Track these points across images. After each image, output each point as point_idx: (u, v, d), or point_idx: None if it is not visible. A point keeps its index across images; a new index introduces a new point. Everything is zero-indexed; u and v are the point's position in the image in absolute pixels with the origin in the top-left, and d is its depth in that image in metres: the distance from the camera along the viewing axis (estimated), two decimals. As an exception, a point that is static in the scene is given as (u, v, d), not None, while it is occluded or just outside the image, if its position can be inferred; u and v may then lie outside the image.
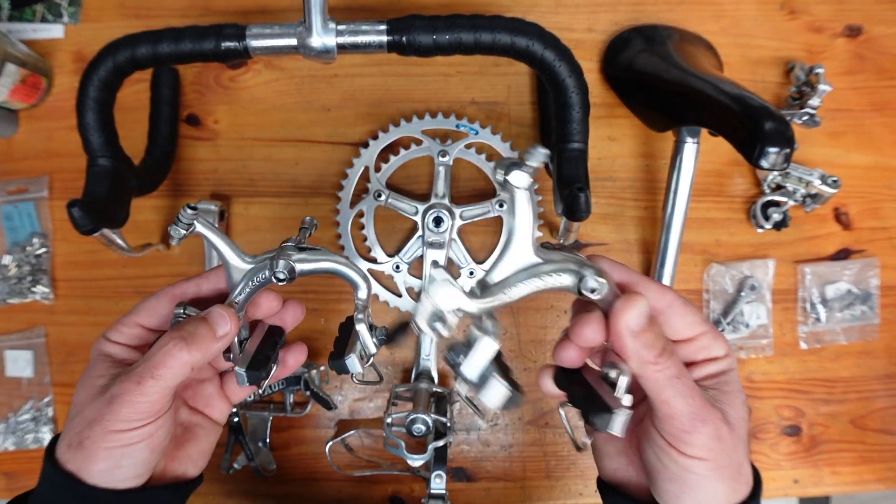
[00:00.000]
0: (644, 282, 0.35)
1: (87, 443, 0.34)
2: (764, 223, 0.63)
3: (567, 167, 0.51)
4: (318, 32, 0.48)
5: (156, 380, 0.34)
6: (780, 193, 0.63)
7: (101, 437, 0.34)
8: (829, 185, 0.61)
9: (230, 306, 0.38)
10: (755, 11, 0.67)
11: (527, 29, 0.48)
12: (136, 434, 0.34)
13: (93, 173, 0.52)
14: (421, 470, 0.61)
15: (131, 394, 0.34)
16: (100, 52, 0.50)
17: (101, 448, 0.34)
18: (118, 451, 0.34)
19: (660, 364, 0.32)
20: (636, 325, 0.32)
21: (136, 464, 0.35)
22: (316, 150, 0.66)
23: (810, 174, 0.62)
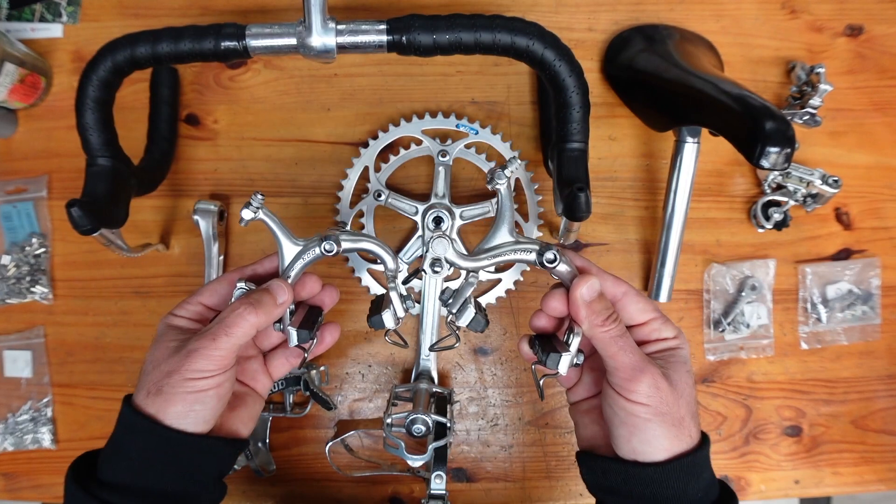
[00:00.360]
0: (602, 273, 0.43)
1: (165, 388, 0.40)
2: (764, 223, 0.63)
3: (567, 167, 0.51)
4: (318, 32, 0.48)
5: (228, 336, 0.41)
6: (780, 193, 0.63)
7: (179, 383, 0.40)
8: (830, 185, 0.61)
9: (286, 280, 0.45)
10: (756, 11, 0.67)
11: (527, 28, 0.48)
12: (208, 382, 0.40)
13: (92, 173, 0.52)
14: (421, 470, 0.61)
15: (208, 348, 0.40)
16: (99, 52, 0.50)
17: (178, 393, 0.40)
18: (192, 396, 0.40)
19: (606, 326, 0.40)
20: (588, 295, 0.40)
21: (205, 409, 0.41)
22: (316, 150, 0.66)
23: (811, 174, 0.62)
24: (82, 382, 0.65)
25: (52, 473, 0.65)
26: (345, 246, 0.45)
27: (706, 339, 0.64)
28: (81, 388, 0.65)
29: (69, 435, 0.65)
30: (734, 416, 0.64)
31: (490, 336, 0.65)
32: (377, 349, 0.65)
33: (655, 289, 0.62)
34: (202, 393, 0.40)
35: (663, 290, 0.61)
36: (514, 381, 0.65)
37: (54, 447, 0.65)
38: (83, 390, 0.65)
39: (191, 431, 0.40)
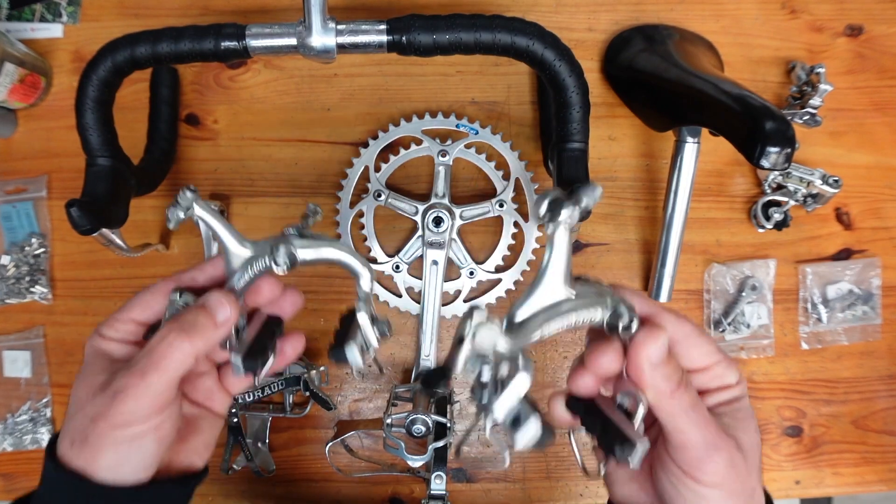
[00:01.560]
0: (662, 313, 0.35)
1: (91, 439, 0.34)
2: (765, 223, 0.63)
3: (567, 167, 0.51)
4: (318, 32, 0.48)
5: (160, 372, 0.34)
6: (780, 193, 0.63)
7: (107, 432, 0.33)
8: (831, 185, 0.61)
9: (229, 292, 0.37)
10: (756, 11, 0.67)
11: (527, 28, 0.48)
12: (142, 427, 0.34)
13: (92, 173, 0.52)
14: (421, 471, 0.61)
15: (136, 388, 0.33)
16: (99, 52, 0.50)
17: (107, 443, 0.33)
18: (125, 446, 0.34)
19: (676, 396, 0.33)
20: (657, 358, 0.32)
21: (143, 457, 0.35)
22: (316, 150, 0.66)
23: (811, 174, 0.62)
24: (82, 383, 0.65)
25: (52, 474, 0.65)
26: (303, 256, 0.37)
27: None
28: (81, 389, 0.65)
29: (69, 435, 0.65)
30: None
31: (490, 336, 0.65)
32: (377, 349, 0.65)
33: (655, 289, 0.62)
34: (136, 441, 0.34)
35: (663, 290, 0.61)
36: (514, 381, 0.64)
37: (54, 447, 0.64)
38: (83, 390, 0.65)
39: (129, 484, 0.34)
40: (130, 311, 0.38)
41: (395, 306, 0.64)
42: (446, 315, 0.64)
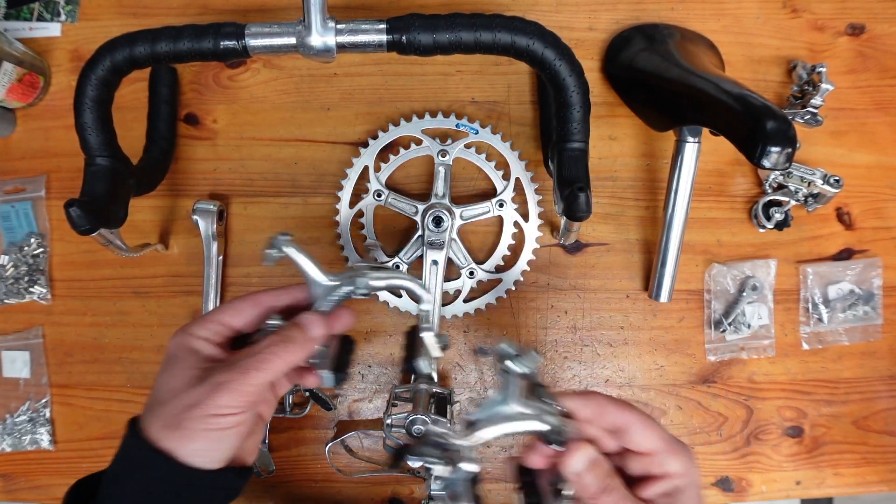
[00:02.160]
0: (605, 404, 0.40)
1: (185, 424, 0.37)
2: (765, 223, 0.63)
3: (567, 167, 0.51)
4: (318, 31, 0.48)
5: (260, 372, 0.39)
6: (781, 193, 0.63)
7: (202, 419, 0.37)
8: (831, 184, 0.61)
9: (319, 313, 0.43)
10: (757, 10, 0.67)
11: (527, 28, 0.48)
12: (232, 420, 0.38)
13: (91, 173, 0.52)
14: (421, 471, 0.61)
15: (236, 382, 0.38)
16: (97, 51, 0.50)
17: (200, 429, 0.37)
18: (215, 434, 0.38)
19: (601, 498, 0.38)
20: (578, 468, 0.38)
21: (225, 447, 0.39)
22: (315, 150, 0.66)
23: (812, 174, 0.61)
24: (81, 383, 0.65)
25: (51, 474, 0.65)
26: (375, 285, 0.44)
27: (707, 339, 0.64)
28: (80, 389, 0.65)
29: (67, 436, 0.65)
30: (735, 417, 0.64)
31: (490, 336, 0.65)
32: (377, 349, 0.65)
33: (656, 289, 0.61)
34: (225, 431, 0.38)
35: (664, 291, 0.61)
36: (514, 381, 0.64)
37: (53, 448, 0.64)
38: (82, 391, 0.65)
39: (207, 468, 0.38)
40: (223, 314, 0.43)
41: (394, 306, 0.64)
42: (446, 315, 0.64)
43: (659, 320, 0.65)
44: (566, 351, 0.65)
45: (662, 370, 0.64)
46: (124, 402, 0.65)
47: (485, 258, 0.64)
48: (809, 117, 0.63)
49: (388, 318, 0.65)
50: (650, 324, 0.65)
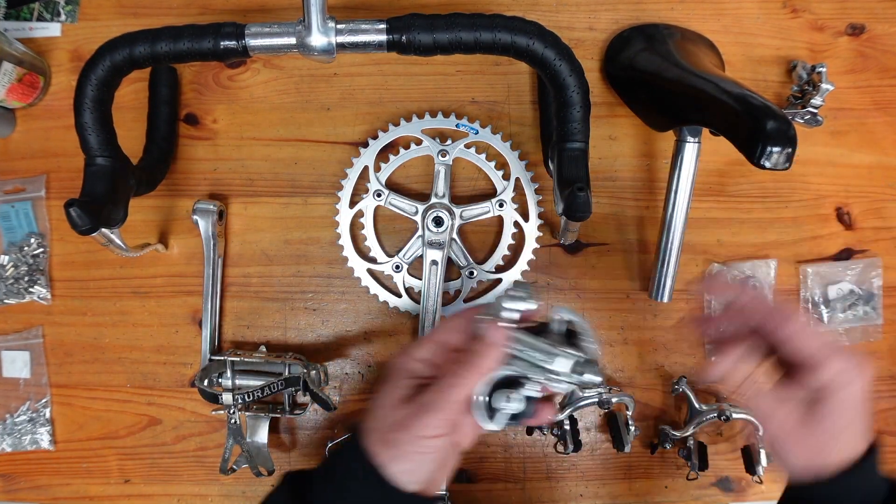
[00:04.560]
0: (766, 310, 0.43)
1: (397, 443, 0.39)
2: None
3: (567, 167, 0.51)
4: (318, 31, 0.48)
5: (455, 388, 0.39)
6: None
7: (410, 440, 0.39)
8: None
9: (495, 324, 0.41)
10: (757, 10, 0.67)
11: (527, 28, 0.48)
12: (434, 443, 0.39)
13: (91, 173, 0.52)
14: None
15: (438, 402, 0.39)
16: (97, 51, 0.50)
17: (409, 451, 0.39)
18: (421, 457, 0.39)
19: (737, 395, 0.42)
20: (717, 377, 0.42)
21: (427, 470, 0.39)
22: (315, 150, 0.66)
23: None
24: (81, 383, 0.65)
25: (51, 474, 0.65)
26: None
27: (707, 339, 0.64)
28: (80, 389, 0.65)
29: (67, 436, 0.65)
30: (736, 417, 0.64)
31: (490, 336, 0.65)
32: (377, 349, 0.65)
33: (656, 289, 0.61)
34: (428, 455, 0.39)
35: (664, 290, 0.61)
36: (514, 381, 0.64)
37: (53, 448, 0.64)
38: (81, 391, 0.65)
39: (406, 490, 0.39)
40: (440, 334, 0.43)
41: (394, 306, 0.64)
42: (446, 315, 0.64)
43: (659, 320, 0.65)
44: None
45: (662, 370, 0.64)
46: (124, 402, 0.65)
47: (485, 258, 0.64)
48: (809, 117, 0.63)
49: (388, 318, 0.65)
50: (650, 324, 0.65)
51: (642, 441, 0.64)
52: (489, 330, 0.41)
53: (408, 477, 0.39)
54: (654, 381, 0.64)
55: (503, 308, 0.41)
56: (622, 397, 0.60)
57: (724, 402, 0.62)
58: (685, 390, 0.61)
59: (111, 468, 0.64)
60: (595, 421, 0.64)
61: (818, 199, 0.65)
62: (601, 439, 0.64)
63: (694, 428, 0.61)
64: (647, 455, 0.64)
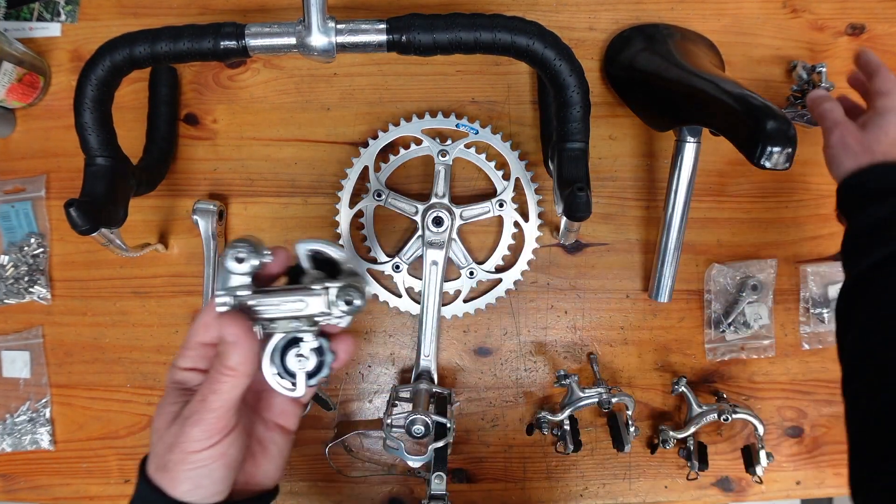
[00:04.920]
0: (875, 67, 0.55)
1: (170, 465, 0.37)
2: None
3: (567, 167, 0.51)
4: (318, 31, 0.48)
5: (216, 394, 0.36)
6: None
7: (181, 459, 0.36)
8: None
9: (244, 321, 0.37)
10: (757, 10, 0.67)
11: (527, 28, 0.48)
12: (210, 453, 0.37)
13: (91, 173, 0.52)
14: (421, 471, 0.61)
15: (199, 412, 0.36)
16: (97, 51, 0.50)
17: (183, 470, 0.37)
18: (197, 472, 0.37)
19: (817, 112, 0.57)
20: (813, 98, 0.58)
21: (214, 482, 0.37)
22: (315, 150, 0.66)
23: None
24: (81, 383, 0.65)
25: (51, 474, 0.65)
26: None
27: (707, 339, 0.64)
28: (80, 389, 0.65)
29: (67, 436, 0.65)
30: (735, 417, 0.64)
31: (490, 336, 0.65)
32: (377, 349, 0.65)
33: (656, 289, 0.61)
34: (207, 467, 0.37)
35: (663, 290, 0.61)
36: (513, 381, 0.64)
37: (53, 448, 0.64)
38: (81, 391, 0.65)
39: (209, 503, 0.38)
40: (194, 336, 0.40)
41: (394, 306, 0.64)
42: (446, 315, 0.64)
43: (659, 320, 0.65)
44: (566, 351, 0.65)
45: (662, 370, 0.64)
46: (124, 402, 0.65)
47: (485, 258, 0.64)
48: (809, 117, 0.63)
49: (388, 318, 0.65)
50: (650, 324, 0.65)
51: (642, 441, 0.64)
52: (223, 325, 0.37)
53: (195, 494, 0.37)
54: (654, 381, 0.64)
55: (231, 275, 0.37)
56: (622, 397, 0.60)
57: (723, 402, 0.62)
58: (685, 390, 0.61)
59: (111, 468, 0.64)
60: (595, 421, 0.64)
61: (818, 199, 0.66)
62: (601, 439, 0.64)
63: (694, 428, 0.61)
64: (647, 455, 0.64)
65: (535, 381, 0.65)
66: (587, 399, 0.60)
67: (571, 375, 0.61)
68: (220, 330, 0.37)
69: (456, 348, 0.65)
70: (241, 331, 0.37)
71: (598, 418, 0.64)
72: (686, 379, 0.61)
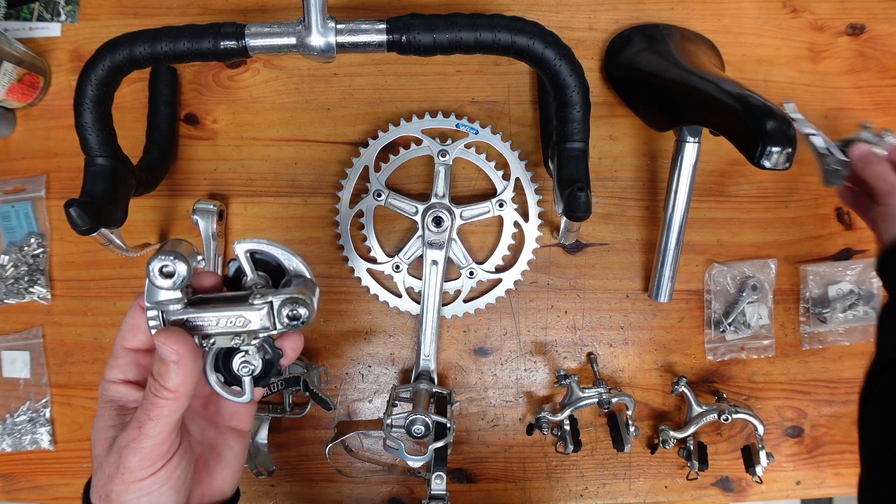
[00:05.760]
0: None
1: (112, 496, 0.34)
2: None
3: (567, 167, 0.50)
4: (318, 31, 0.48)
5: (154, 420, 0.34)
6: None
7: (123, 490, 0.34)
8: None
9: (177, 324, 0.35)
10: (757, 10, 0.67)
11: (527, 28, 0.48)
12: (154, 480, 0.34)
13: (91, 173, 0.52)
14: (421, 471, 0.61)
15: (136, 441, 0.34)
16: (97, 51, 0.50)
17: (127, 500, 0.34)
18: (143, 500, 0.34)
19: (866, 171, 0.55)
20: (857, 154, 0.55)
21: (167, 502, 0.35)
22: (315, 150, 0.66)
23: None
24: (81, 383, 0.65)
25: (51, 474, 0.65)
26: None
27: (707, 339, 0.64)
28: (80, 389, 0.65)
29: (67, 436, 0.65)
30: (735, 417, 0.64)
31: (490, 336, 0.65)
32: (377, 349, 0.65)
33: (656, 289, 0.61)
34: (152, 494, 0.34)
35: (664, 291, 0.61)
36: (513, 381, 0.64)
37: (52, 448, 0.64)
38: (81, 391, 0.65)
39: None
40: (122, 341, 0.37)
41: (394, 306, 0.64)
42: (446, 315, 0.64)
43: (659, 320, 0.65)
44: (566, 351, 0.65)
45: (662, 370, 0.64)
46: (124, 402, 0.65)
47: (485, 258, 0.64)
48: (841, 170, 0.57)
49: (388, 318, 0.65)
50: (650, 324, 0.65)
51: (642, 441, 0.64)
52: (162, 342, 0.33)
53: None
54: (654, 381, 0.64)
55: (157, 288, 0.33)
56: (622, 397, 0.60)
57: (723, 402, 0.62)
58: (685, 390, 0.61)
59: (111, 468, 0.64)
60: (595, 421, 0.64)
61: (818, 199, 0.66)
62: (601, 439, 0.64)
63: (694, 428, 0.61)
64: (647, 455, 0.64)
65: (535, 381, 0.65)
66: (587, 399, 0.60)
67: (571, 375, 0.61)
68: (159, 349, 0.34)
69: (456, 348, 0.65)
70: (183, 349, 0.34)
71: (598, 418, 0.64)
72: (686, 379, 0.61)
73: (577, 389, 0.60)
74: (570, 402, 0.60)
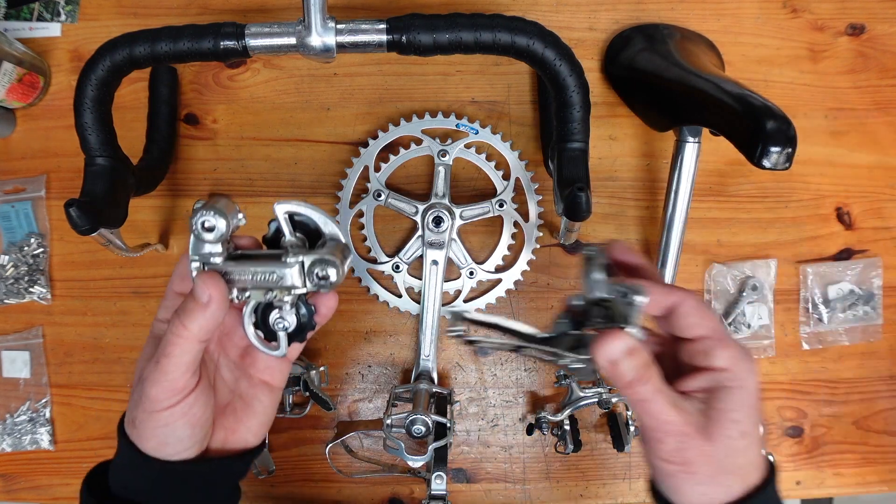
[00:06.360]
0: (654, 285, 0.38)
1: (136, 422, 0.37)
2: None
3: (567, 167, 0.50)
4: (318, 31, 0.48)
5: (168, 357, 0.36)
6: None
7: (146, 418, 0.37)
8: None
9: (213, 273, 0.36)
10: (757, 10, 0.67)
11: (527, 28, 0.48)
12: (171, 413, 0.36)
13: (91, 173, 0.52)
14: (421, 471, 0.61)
15: (153, 374, 0.36)
16: (97, 51, 0.50)
17: (147, 427, 0.37)
18: (161, 431, 0.37)
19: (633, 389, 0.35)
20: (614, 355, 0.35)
21: (179, 440, 0.37)
22: (315, 150, 0.66)
23: None
24: (81, 383, 0.65)
25: (51, 474, 0.65)
26: None
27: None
28: (80, 389, 0.65)
29: (67, 436, 0.65)
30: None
31: (490, 336, 0.65)
32: (377, 349, 0.65)
33: (656, 289, 0.61)
34: (169, 426, 0.37)
35: (664, 291, 0.61)
36: (514, 381, 0.64)
37: (53, 448, 0.64)
38: (81, 391, 0.65)
39: (175, 460, 0.38)
40: (172, 286, 0.40)
41: (394, 306, 0.64)
42: (447, 315, 0.64)
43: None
44: (566, 351, 0.64)
45: (662, 370, 0.64)
46: (124, 402, 0.64)
47: (485, 258, 0.64)
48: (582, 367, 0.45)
49: (388, 318, 0.65)
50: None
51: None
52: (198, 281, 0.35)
53: (163, 451, 0.37)
54: (654, 381, 0.64)
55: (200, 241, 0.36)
56: (622, 397, 0.60)
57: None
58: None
59: (111, 468, 0.65)
60: (595, 421, 0.64)
61: (818, 199, 0.66)
62: (601, 439, 0.64)
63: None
64: (647, 455, 0.64)
65: (535, 381, 0.65)
66: (587, 399, 0.60)
67: (571, 376, 0.61)
68: (195, 288, 0.35)
69: (456, 348, 0.65)
70: (216, 293, 0.35)
71: (598, 418, 0.64)
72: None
73: (577, 389, 0.60)
74: (570, 402, 0.60)
